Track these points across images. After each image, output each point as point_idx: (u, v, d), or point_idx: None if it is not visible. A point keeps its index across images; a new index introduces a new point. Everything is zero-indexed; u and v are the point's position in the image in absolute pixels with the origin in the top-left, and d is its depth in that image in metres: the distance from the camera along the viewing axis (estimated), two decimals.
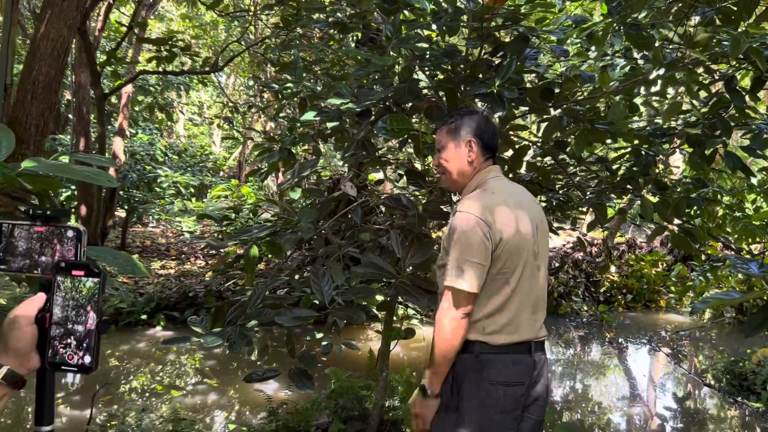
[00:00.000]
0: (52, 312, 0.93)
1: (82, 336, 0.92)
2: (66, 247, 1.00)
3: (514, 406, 1.97)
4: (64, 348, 0.92)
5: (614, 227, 10.25)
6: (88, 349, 0.92)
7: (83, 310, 0.92)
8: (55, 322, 0.93)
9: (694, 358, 8.03)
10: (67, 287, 0.93)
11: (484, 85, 2.86)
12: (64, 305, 0.93)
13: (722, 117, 3.70)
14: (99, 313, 0.93)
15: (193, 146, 15.57)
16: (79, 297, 0.93)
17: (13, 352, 0.90)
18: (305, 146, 7.62)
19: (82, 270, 0.94)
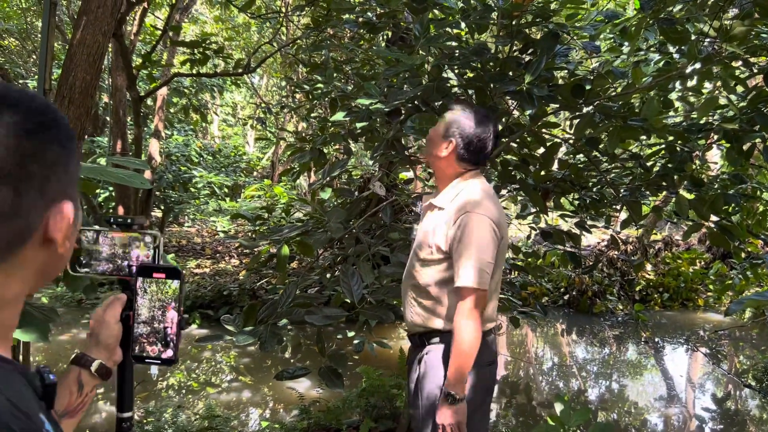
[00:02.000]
0: (135, 311, 1.01)
1: (165, 332, 1.00)
2: (145, 251, 1.09)
3: (494, 384, 2.23)
4: (148, 343, 1.01)
5: (650, 225, 10.07)
6: (170, 344, 1.01)
7: (165, 308, 1.00)
8: (141, 321, 1.01)
9: (733, 358, 7.84)
10: (150, 289, 1.01)
11: (513, 83, 2.84)
12: (148, 305, 1.01)
13: (761, 111, 3.61)
14: (179, 311, 1.01)
15: (227, 147, 15.77)
16: (160, 297, 1.01)
17: (104, 347, 0.99)
18: (336, 146, 7.67)
19: (163, 272, 1.01)
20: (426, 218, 2.19)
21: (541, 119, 3.49)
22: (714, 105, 3.78)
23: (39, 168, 0.66)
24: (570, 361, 7.43)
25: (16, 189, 0.64)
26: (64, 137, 0.70)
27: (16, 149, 0.64)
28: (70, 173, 0.72)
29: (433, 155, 2.17)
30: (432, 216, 2.15)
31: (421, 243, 2.12)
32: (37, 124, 0.67)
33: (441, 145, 2.15)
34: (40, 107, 0.68)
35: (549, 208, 4.37)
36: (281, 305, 2.69)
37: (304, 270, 5.47)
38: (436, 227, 2.09)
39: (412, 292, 2.16)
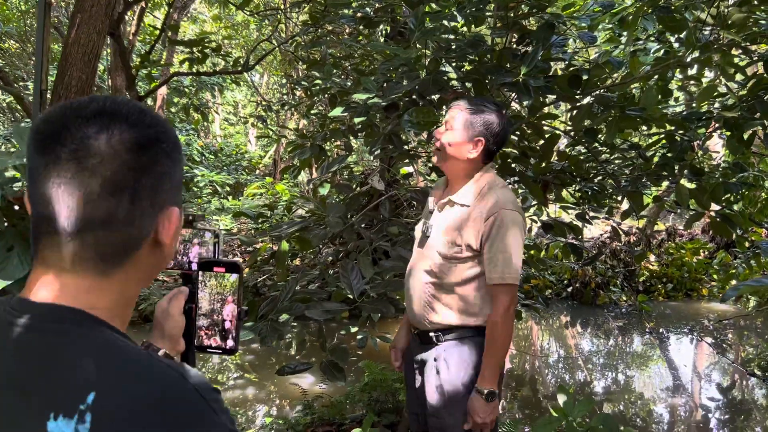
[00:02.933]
0: (197, 304, 1.05)
1: (226, 324, 1.04)
2: (205, 247, 1.15)
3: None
4: (208, 334, 1.05)
5: (653, 215, 10.05)
6: (230, 334, 1.05)
7: (225, 301, 1.04)
8: (202, 313, 1.05)
9: (738, 347, 7.82)
10: (210, 283, 1.04)
11: (510, 75, 2.83)
12: (209, 298, 1.05)
13: (761, 99, 3.59)
14: (239, 303, 1.05)
15: (228, 145, 15.79)
16: (221, 290, 1.04)
17: (168, 338, 1.03)
18: (337, 142, 7.66)
19: (223, 266, 1.04)
20: (443, 215, 2.11)
21: (539, 111, 3.48)
22: (712, 93, 3.77)
23: (151, 179, 0.72)
24: (575, 353, 7.43)
25: (132, 199, 0.70)
26: (171, 148, 0.75)
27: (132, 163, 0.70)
28: (176, 181, 0.77)
29: (459, 159, 2.08)
30: (452, 213, 2.08)
31: (445, 241, 2.05)
32: (149, 138, 0.72)
33: (468, 146, 2.07)
34: (152, 122, 0.73)
35: (549, 200, 4.37)
36: (281, 300, 2.69)
37: (305, 266, 5.48)
38: (463, 225, 2.03)
39: (433, 290, 2.08)
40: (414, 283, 2.14)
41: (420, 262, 2.13)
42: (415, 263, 2.17)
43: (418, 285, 2.12)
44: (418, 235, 2.22)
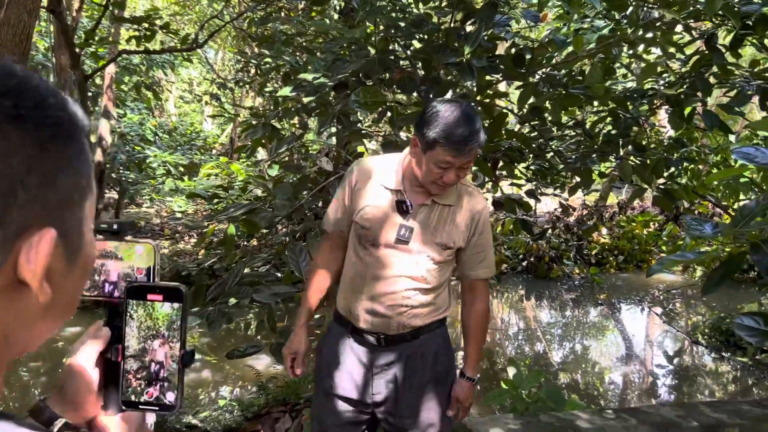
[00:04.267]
0: (125, 344, 0.80)
1: (162, 370, 0.79)
2: (137, 264, 0.84)
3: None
4: (140, 384, 0.80)
5: (604, 190, 10.27)
6: (169, 386, 0.80)
7: (162, 340, 0.79)
8: (129, 355, 0.80)
9: (685, 316, 8.12)
10: (141, 314, 0.80)
11: (455, 54, 2.84)
12: (139, 336, 0.80)
13: (702, 76, 3.69)
14: (182, 343, 0.79)
15: (183, 124, 15.46)
16: (156, 325, 0.79)
17: (69, 401, 0.77)
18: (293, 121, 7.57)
19: (161, 293, 0.80)
20: (425, 217, 1.91)
21: (486, 90, 3.51)
22: (653, 71, 3.85)
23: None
24: (530, 326, 7.60)
25: None
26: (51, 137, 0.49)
27: None
28: (62, 189, 0.51)
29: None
30: (437, 214, 1.92)
31: (439, 245, 1.91)
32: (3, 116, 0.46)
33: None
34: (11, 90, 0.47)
35: (500, 178, 4.43)
36: (229, 284, 2.68)
37: (261, 246, 5.44)
38: (452, 226, 1.92)
39: (419, 296, 1.93)
40: (387, 288, 1.90)
41: (399, 267, 1.90)
42: (388, 267, 1.90)
43: (395, 291, 1.91)
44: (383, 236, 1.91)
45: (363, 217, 1.91)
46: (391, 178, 1.93)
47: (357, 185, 1.95)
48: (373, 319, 1.93)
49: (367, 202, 1.92)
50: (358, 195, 1.94)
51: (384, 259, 1.90)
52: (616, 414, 2.57)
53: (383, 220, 1.90)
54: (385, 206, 1.91)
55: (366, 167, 1.98)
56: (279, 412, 3.55)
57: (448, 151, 1.74)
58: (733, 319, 6.10)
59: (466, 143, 1.73)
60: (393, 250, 1.89)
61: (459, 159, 1.76)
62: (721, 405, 2.79)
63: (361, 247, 1.94)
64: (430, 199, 1.90)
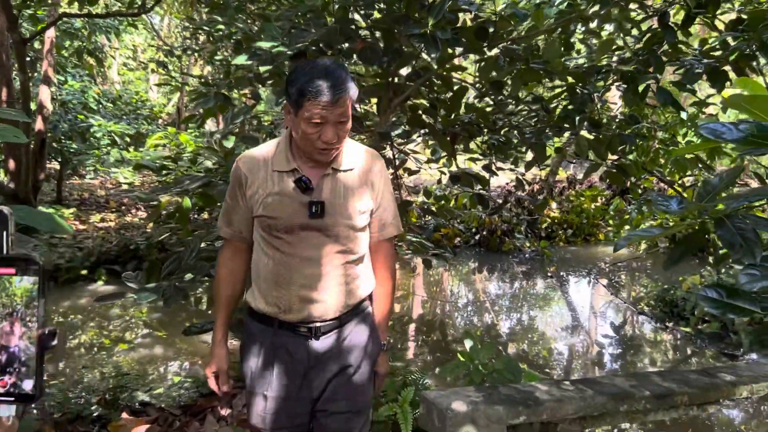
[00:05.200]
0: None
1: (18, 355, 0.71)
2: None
3: None
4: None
5: (554, 165, 10.46)
6: (27, 372, 0.72)
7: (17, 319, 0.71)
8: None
9: (630, 287, 8.39)
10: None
11: (418, 26, 2.79)
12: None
13: (655, 53, 3.75)
14: (41, 323, 0.72)
15: (128, 93, 14.90)
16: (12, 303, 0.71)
17: None
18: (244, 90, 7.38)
19: (12, 267, 0.71)
20: (329, 186, 1.82)
21: (447, 62, 3.48)
22: (610, 47, 3.89)
23: None
24: (482, 298, 7.72)
25: None
26: None
27: None
28: None
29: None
30: (341, 181, 1.84)
31: (355, 211, 1.83)
32: None
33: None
34: None
35: (457, 152, 4.43)
36: (185, 259, 2.60)
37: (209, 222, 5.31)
38: (361, 189, 1.86)
39: (347, 270, 1.86)
40: (320, 270, 1.82)
41: (324, 245, 1.82)
42: (312, 248, 1.81)
43: (328, 270, 1.83)
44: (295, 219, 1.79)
45: (267, 207, 1.79)
46: (281, 160, 1.81)
47: (248, 180, 1.82)
48: (310, 306, 1.82)
49: (267, 191, 1.80)
50: (252, 188, 1.82)
51: (305, 241, 1.81)
52: (574, 385, 2.62)
53: (290, 205, 1.79)
54: (287, 190, 1.79)
55: (251, 159, 1.85)
56: (236, 388, 3.51)
57: (314, 103, 1.63)
58: (677, 290, 6.34)
59: (331, 90, 1.64)
60: (311, 231, 1.80)
61: (329, 110, 1.65)
62: (670, 374, 2.89)
63: (274, 238, 1.82)
64: (329, 169, 1.81)
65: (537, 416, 2.40)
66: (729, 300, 1.53)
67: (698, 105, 5.52)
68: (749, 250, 1.47)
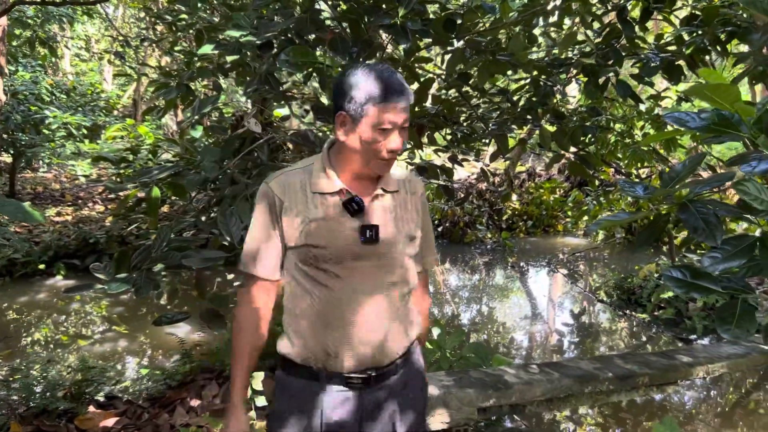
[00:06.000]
0: None
1: None
2: None
3: None
4: None
5: (515, 157, 10.63)
6: None
7: None
8: None
9: (588, 276, 8.61)
10: None
11: (387, 16, 2.82)
12: None
13: (614, 47, 3.86)
14: None
15: (82, 84, 14.50)
16: None
17: None
18: (205, 82, 7.28)
19: None
20: (378, 210, 1.63)
21: (414, 54, 3.51)
22: (573, 41, 3.98)
23: None
24: (444, 289, 7.82)
25: None
26: None
27: None
28: None
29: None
30: (389, 204, 1.66)
31: (405, 238, 1.66)
32: None
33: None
34: None
35: (423, 144, 4.48)
36: (155, 250, 2.58)
37: (177, 213, 5.25)
38: (408, 214, 1.70)
39: (403, 304, 1.68)
40: (376, 307, 1.60)
41: (381, 275, 1.61)
42: (367, 280, 1.60)
43: (384, 308, 1.62)
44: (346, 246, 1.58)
45: (311, 235, 1.57)
46: (322, 180, 1.61)
47: (284, 205, 1.59)
48: (365, 350, 1.59)
49: (309, 217, 1.58)
50: (289, 215, 1.59)
51: (357, 273, 1.58)
52: (540, 369, 2.71)
53: (338, 230, 1.58)
54: (333, 214, 1.59)
55: (284, 180, 1.63)
56: (205, 379, 3.49)
57: (384, 108, 1.51)
58: (634, 278, 6.55)
59: (401, 94, 1.52)
60: (364, 261, 1.59)
61: (398, 115, 1.52)
62: (632, 357, 3.01)
63: (319, 272, 1.58)
64: (378, 189, 1.63)
65: (506, 399, 2.47)
66: (693, 280, 1.60)
67: (654, 98, 5.71)
68: (711, 233, 1.55)
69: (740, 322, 1.57)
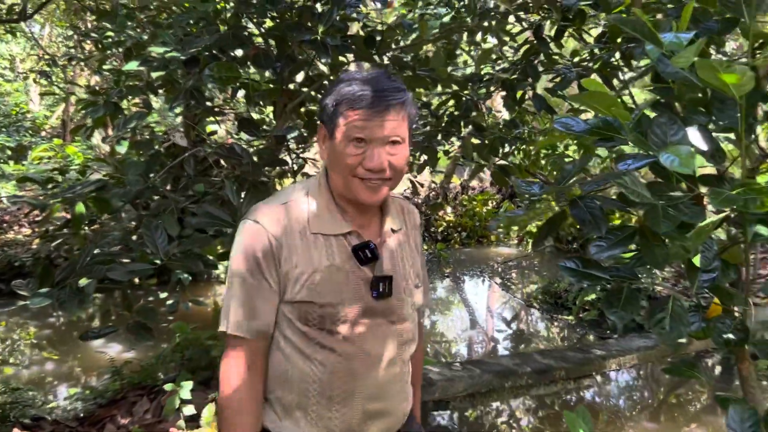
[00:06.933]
0: None
1: None
2: None
3: None
4: None
5: (449, 170, 10.91)
6: None
7: None
8: None
9: (520, 283, 8.90)
10: None
11: (309, 33, 2.92)
12: None
13: (532, 63, 4.09)
14: None
15: (6, 105, 14.02)
16: None
17: None
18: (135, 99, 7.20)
19: None
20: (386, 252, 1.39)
21: (338, 69, 3.63)
22: (489, 56, 4.19)
23: None
24: None
25: None
26: None
27: None
28: None
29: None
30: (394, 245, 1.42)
31: (412, 286, 1.43)
32: None
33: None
34: None
35: None
36: (80, 264, 2.57)
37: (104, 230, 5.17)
38: (411, 255, 1.47)
39: (407, 365, 1.47)
40: (383, 375, 1.37)
41: (387, 338, 1.37)
42: (378, 343, 1.36)
43: (395, 372, 1.40)
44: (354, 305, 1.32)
45: (315, 290, 1.29)
46: (325, 218, 1.33)
47: (282, 248, 1.30)
48: (375, 424, 1.36)
49: (313, 266, 1.30)
50: (290, 262, 1.30)
51: (368, 334, 1.33)
52: (463, 366, 2.83)
53: (347, 283, 1.31)
54: (340, 262, 1.31)
55: (278, 217, 1.32)
56: (136, 396, 3.47)
57: (358, 115, 1.24)
58: (561, 283, 6.83)
59: (375, 96, 1.23)
60: (375, 319, 1.34)
61: (372, 121, 1.24)
62: (549, 353, 3.18)
63: (324, 334, 1.31)
64: (386, 229, 1.39)
65: (430, 395, 2.58)
66: (584, 269, 1.76)
67: (574, 111, 6.02)
68: (596, 224, 1.71)
69: (625, 306, 1.72)
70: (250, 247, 1.30)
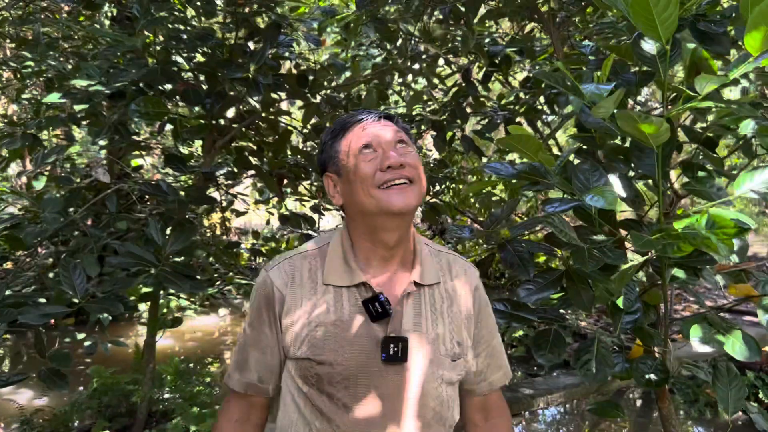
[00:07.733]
0: None
1: None
2: None
3: None
4: None
5: None
6: None
7: None
8: None
9: None
10: None
11: (241, 70, 2.91)
12: None
13: (460, 105, 4.21)
14: None
15: None
16: None
17: None
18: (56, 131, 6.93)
19: None
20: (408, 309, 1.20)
21: (270, 106, 3.62)
22: (420, 99, 4.29)
23: None
24: None
25: None
26: None
27: None
28: None
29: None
30: (423, 301, 1.23)
31: (445, 356, 1.21)
32: None
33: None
34: None
35: (285, 194, 4.55)
36: None
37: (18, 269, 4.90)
38: (450, 320, 1.24)
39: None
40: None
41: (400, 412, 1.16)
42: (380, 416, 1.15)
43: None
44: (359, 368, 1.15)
45: (316, 346, 1.16)
46: (337, 268, 1.21)
47: (285, 300, 1.20)
48: None
49: (317, 319, 1.18)
50: (292, 315, 1.19)
51: (375, 403, 1.15)
52: None
53: (352, 342, 1.16)
54: (348, 317, 1.17)
55: (288, 267, 1.24)
56: None
57: (354, 128, 1.22)
58: None
59: (368, 112, 1.25)
60: (384, 387, 1.15)
61: (375, 126, 1.21)
62: None
63: (321, 396, 1.16)
64: (410, 283, 1.21)
65: None
66: (513, 311, 1.79)
67: (500, 153, 6.21)
68: (524, 268, 1.75)
69: (553, 348, 1.77)
70: (255, 298, 1.25)
